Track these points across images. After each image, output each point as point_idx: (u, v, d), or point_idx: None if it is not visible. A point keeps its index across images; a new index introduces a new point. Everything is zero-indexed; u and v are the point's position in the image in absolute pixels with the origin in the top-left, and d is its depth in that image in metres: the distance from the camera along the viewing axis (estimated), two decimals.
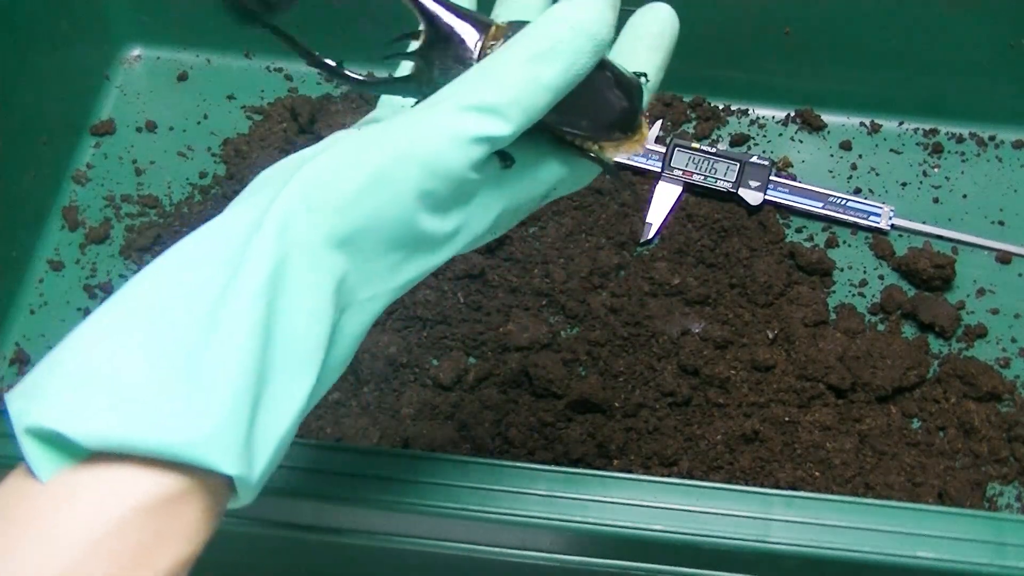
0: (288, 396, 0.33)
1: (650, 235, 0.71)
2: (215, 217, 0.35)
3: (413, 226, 0.35)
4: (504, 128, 0.34)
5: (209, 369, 0.31)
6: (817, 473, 0.62)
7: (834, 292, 0.70)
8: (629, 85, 0.38)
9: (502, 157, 0.36)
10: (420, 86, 0.38)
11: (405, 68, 0.40)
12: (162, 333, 0.32)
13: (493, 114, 0.34)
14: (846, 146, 0.77)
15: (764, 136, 0.78)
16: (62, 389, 0.31)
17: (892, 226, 0.72)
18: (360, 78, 0.38)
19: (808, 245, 0.72)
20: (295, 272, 0.33)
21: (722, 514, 0.48)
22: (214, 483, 0.32)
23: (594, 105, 0.37)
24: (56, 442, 0.30)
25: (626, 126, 0.38)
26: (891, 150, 0.77)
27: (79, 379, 0.31)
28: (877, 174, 0.76)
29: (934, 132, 0.77)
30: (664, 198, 0.73)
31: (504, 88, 0.34)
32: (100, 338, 0.32)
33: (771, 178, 0.72)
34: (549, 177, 0.39)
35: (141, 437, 0.30)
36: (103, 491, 0.30)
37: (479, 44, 0.37)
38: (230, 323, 0.32)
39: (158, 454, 0.30)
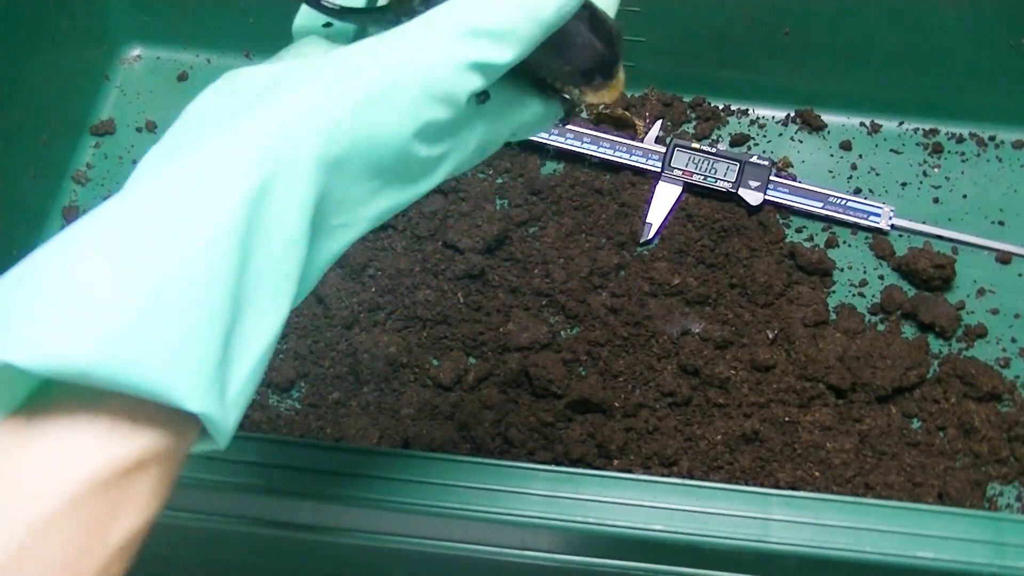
0: (259, 328, 0.32)
1: (650, 235, 0.71)
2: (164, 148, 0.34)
3: (403, 151, 0.34)
4: (502, 55, 0.34)
5: (180, 297, 0.29)
6: (817, 473, 0.62)
7: (834, 292, 0.70)
8: (610, 31, 0.38)
9: (480, 92, 0.36)
10: (399, 16, 0.37)
11: None
12: (132, 257, 0.29)
13: (493, 40, 0.34)
14: (846, 146, 0.77)
15: (764, 136, 0.78)
16: (13, 310, 0.28)
17: (892, 226, 0.72)
18: (333, 6, 0.38)
19: (808, 245, 0.72)
20: (279, 194, 0.32)
21: (722, 514, 0.48)
22: (176, 432, 0.31)
23: (574, 50, 0.37)
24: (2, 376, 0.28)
25: (605, 72, 0.38)
26: (891, 150, 0.77)
27: (34, 299, 0.28)
28: (877, 174, 0.76)
29: (934, 132, 0.77)
30: (664, 198, 0.73)
31: (502, 15, 0.34)
32: (62, 256, 0.30)
33: (771, 178, 0.72)
34: (523, 115, 0.39)
35: (102, 366, 0.28)
36: (54, 462, 0.28)
37: None
38: (205, 245, 0.30)
39: (118, 385, 0.28)
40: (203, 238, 0.30)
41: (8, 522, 0.28)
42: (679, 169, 0.73)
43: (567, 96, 0.39)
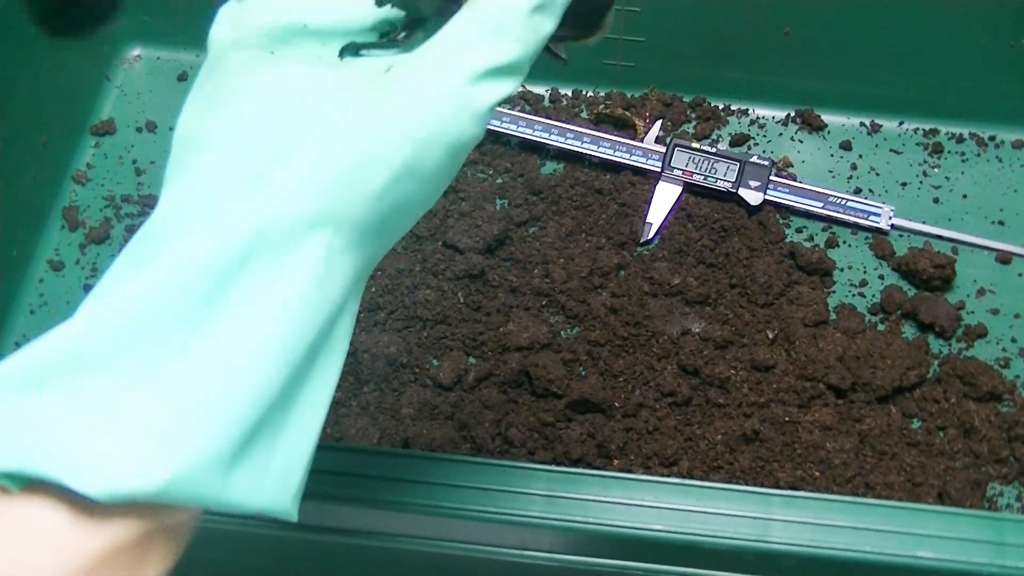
0: (313, 410, 0.33)
1: (650, 235, 0.71)
2: (167, 216, 0.32)
3: (429, 200, 0.34)
4: (517, 84, 0.33)
5: (229, 426, 0.30)
6: (817, 473, 0.62)
7: (834, 292, 0.70)
8: None
9: None
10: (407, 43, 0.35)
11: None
12: (171, 371, 0.29)
13: (510, 74, 0.33)
14: (846, 146, 0.77)
15: (764, 136, 0.78)
16: (57, 423, 0.28)
17: (892, 226, 0.72)
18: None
19: (808, 245, 0.72)
20: (320, 292, 0.31)
21: (722, 514, 0.48)
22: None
23: (577, 19, 0.37)
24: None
25: (600, 19, 0.39)
26: (891, 150, 0.77)
27: (76, 410, 0.28)
28: (877, 174, 0.76)
29: (934, 132, 0.77)
30: (664, 198, 0.73)
31: (513, 39, 0.32)
32: (97, 352, 0.29)
33: (771, 178, 0.72)
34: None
35: (170, 495, 0.28)
36: (84, 526, 0.28)
37: None
38: (265, 359, 0.30)
39: (187, 503, 0.29)
40: (251, 350, 0.30)
41: (49, 570, 0.28)
42: (679, 169, 0.73)
43: (553, 51, 0.39)
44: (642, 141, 0.75)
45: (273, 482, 0.31)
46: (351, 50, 0.35)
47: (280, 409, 0.31)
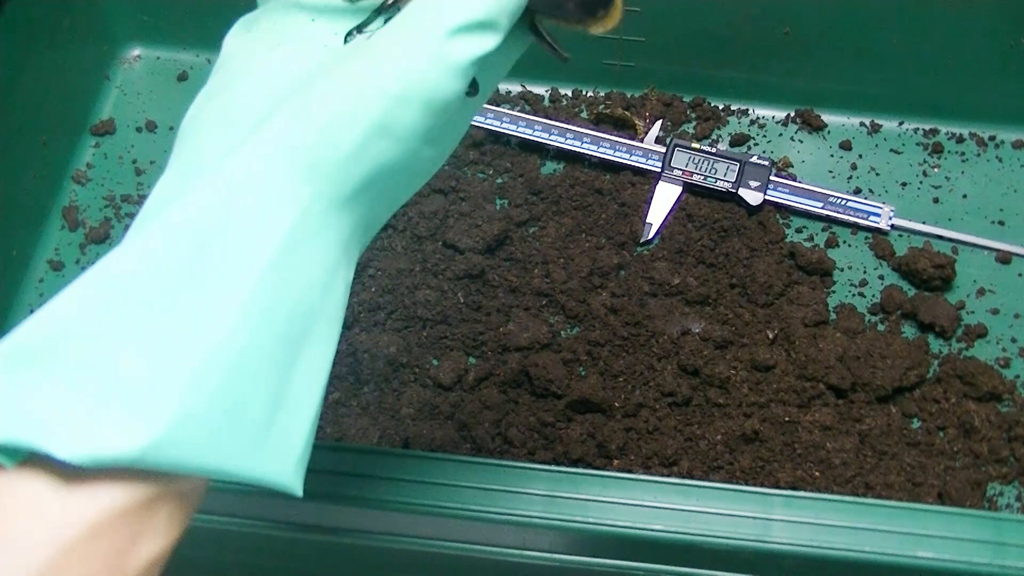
0: (317, 364, 0.32)
1: (650, 235, 0.71)
2: (161, 192, 0.32)
3: (414, 162, 0.34)
4: (495, 41, 0.33)
5: (219, 379, 0.30)
6: (817, 473, 0.62)
7: (834, 292, 0.70)
8: None
9: (471, 84, 0.35)
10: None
11: None
12: (166, 341, 0.29)
13: (485, 30, 0.33)
14: (846, 146, 0.77)
15: (764, 136, 0.78)
16: (40, 397, 0.28)
17: (892, 226, 0.72)
18: None
19: (808, 245, 0.72)
20: (300, 254, 0.31)
21: (722, 514, 0.48)
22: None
23: None
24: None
25: (609, 4, 0.38)
26: (891, 150, 0.77)
27: (66, 389, 0.28)
28: (877, 174, 0.76)
29: (934, 132, 0.77)
30: (664, 198, 0.73)
31: (482, 2, 0.32)
32: (86, 334, 0.29)
33: (771, 178, 0.72)
34: (509, 67, 0.38)
35: (151, 458, 0.28)
36: (76, 493, 0.28)
37: None
38: (236, 317, 0.30)
39: (169, 470, 0.29)
40: (232, 311, 0.30)
41: (32, 547, 0.28)
42: (679, 169, 0.73)
43: (557, 46, 0.38)
44: (642, 141, 0.75)
45: (271, 451, 0.31)
46: (355, 31, 0.35)
47: (272, 376, 0.31)
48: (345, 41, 0.35)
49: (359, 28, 0.36)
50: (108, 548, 0.29)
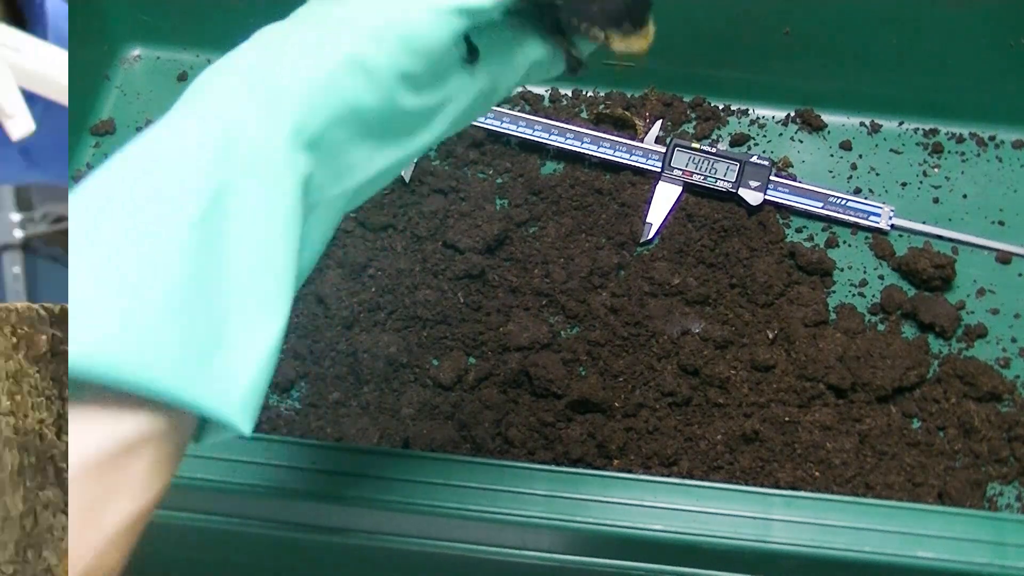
0: (262, 315, 0.31)
1: (650, 235, 0.71)
2: (156, 128, 0.32)
3: (391, 108, 0.33)
4: None
5: (153, 298, 0.29)
6: (817, 473, 0.62)
7: (834, 292, 0.70)
8: None
9: (469, 51, 0.34)
10: None
11: None
12: (109, 264, 0.29)
13: None
14: (846, 146, 0.77)
15: (764, 136, 0.78)
16: None
17: (892, 226, 0.72)
18: None
19: (808, 245, 0.72)
20: (248, 186, 0.31)
21: (722, 514, 0.48)
22: (169, 417, 0.31)
23: None
24: None
25: (636, 16, 0.36)
26: (891, 150, 0.77)
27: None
28: (877, 174, 0.76)
29: (934, 132, 0.77)
30: (664, 198, 0.73)
31: None
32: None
33: (771, 178, 0.72)
34: (525, 61, 0.37)
35: (84, 367, 0.28)
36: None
37: None
38: (170, 247, 0.30)
39: (101, 382, 0.28)
40: (167, 241, 0.30)
41: None
42: (679, 169, 0.73)
43: (573, 50, 0.37)
44: (642, 141, 0.75)
45: (213, 379, 0.30)
46: None
47: (214, 305, 0.30)
48: None
49: None
50: (80, 502, 0.28)
